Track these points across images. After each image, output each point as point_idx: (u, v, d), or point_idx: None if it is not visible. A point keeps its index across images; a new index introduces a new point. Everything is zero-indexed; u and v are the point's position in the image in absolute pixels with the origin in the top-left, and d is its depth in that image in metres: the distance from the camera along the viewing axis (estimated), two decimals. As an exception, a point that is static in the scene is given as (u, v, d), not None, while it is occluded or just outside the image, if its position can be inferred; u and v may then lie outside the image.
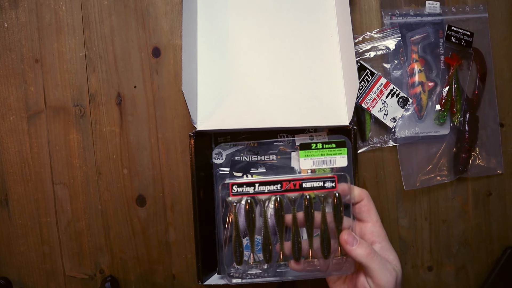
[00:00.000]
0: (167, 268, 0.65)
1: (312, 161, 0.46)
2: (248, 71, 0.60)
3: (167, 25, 0.64)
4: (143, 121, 0.64)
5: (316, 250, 0.45)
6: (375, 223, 0.45)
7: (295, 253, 0.45)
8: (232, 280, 0.47)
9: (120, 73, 0.64)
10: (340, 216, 0.44)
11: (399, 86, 0.63)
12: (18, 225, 0.64)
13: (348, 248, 0.42)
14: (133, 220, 0.64)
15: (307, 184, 0.44)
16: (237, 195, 0.44)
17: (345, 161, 0.46)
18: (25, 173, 0.64)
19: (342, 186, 0.44)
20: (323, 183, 0.44)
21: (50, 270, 0.65)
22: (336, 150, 0.46)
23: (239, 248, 0.45)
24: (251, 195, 0.44)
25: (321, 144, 0.46)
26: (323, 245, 0.44)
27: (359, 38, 0.64)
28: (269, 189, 0.44)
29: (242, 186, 0.44)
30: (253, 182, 0.44)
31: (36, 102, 0.64)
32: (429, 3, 0.64)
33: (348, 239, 0.42)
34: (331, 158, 0.46)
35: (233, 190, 0.44)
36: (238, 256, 0.45)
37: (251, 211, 0.44)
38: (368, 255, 0.41)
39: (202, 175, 0.56)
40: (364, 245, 0.42)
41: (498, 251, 0.67)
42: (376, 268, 0.41)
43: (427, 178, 0.65)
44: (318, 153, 0.46)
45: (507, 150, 0.66)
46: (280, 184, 0.44)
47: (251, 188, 0.44)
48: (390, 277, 0.42)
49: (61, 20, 0.64)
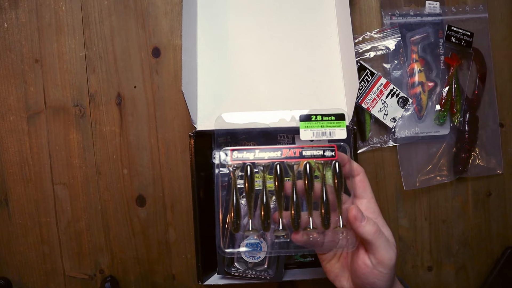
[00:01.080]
0: (167, 268, 0.65)
1: (312, 132, 0.46)
2: (248, 71, 0.60)
3: (167, 25, 0.64)
4: (143, 121, 0.64)
5: (316, 220, 0.44)
6: (370, 199, 0.45)
7: (295, 222, 0.44)
8: (226, 250, 0.46)
9: (120, 73, 0.64)
10: (340, 184, 0.44)
11: (399, 86, 0.63)
12: (18, 225, 0.64)
13: (357, 224, 0.41)
14: (133, 220, 0.64)
15: (307, 152, 0.44)
16: (237, 161, 0.44)
17: (344, 134, 0.46)
18: (25, 173, 0.64)
19: (341, 156, 0.45)
20: (323, 152, 0.45)
21: (50, 270, 0.65)
22: (336, 122, 0.46)
23: (237, 214, 0.44)
24: (251, 161, 0.44)
25: (321, 116, 0.46)
26: (323, 215, 0.43)
27: (359, 38, 0.64)
28: (269, 155, 0.44)
29: (242, 152, 0.44)
30: (253, 149, 0.44)
31: (36, 102, 0.64)
32: (429, 3, 0.64)
33: (358, 215, 0.42)
34: (330, 130, 0.46)
35: (233, 156, 0.44)
36: (235, 222, 0.44)
37: (250, 176, 0.44)
38: (375, 233, 0.41)
39: (202, 175, 0.56)
40: (371, 222, 0.42)
41: (498, 251, 0.67)
42: (381, 245, 0.41)
43: (427, 178, 0.65)
44: (318, 124, 0.46)
45: (507, 150, 0.66)
46: (280, 152, 0.44)
47: (251, 154, 0.44)
48: (393, 253, 0.42)
49: (61, 20, 0.64)
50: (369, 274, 0.42)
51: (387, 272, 0.41)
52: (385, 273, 0.41)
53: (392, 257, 0.41)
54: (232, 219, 0.44)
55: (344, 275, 0.46)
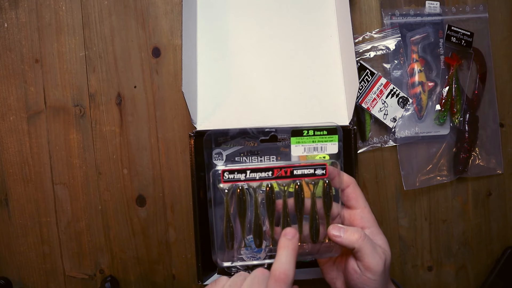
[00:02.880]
0: (167, 268, 0.65)
1: (303, 148, 0.47)
2: (248, 71, 0.60)
3: (167, 25, 0.64)
4: (143, 121, 0.64)
5: (306, 235, 0.46)
6: (363, 209, 0.46)
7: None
8: (223, 264, 0.47)
9: (120, 73, 0.64)
10: (329, 202, 0.45)
11: (399, 86, 0.63)
12: (18, 225, 0.64)
13: (338, 240, 0.43)
14: (133, 220, 0.64)
15: (298, 171, 0.45)
16: (228, 182, 0.45)
17: (336, 148, 0.47)
18: (25, 173, 0.64)
19: (330, 169, 0.45)
20: (313, 170, 0.45)
21: (50, 270, 0.65)
22: (327, 137, 0.47)
23: (230, 233, 0.46)
24: (242, 181, 0.45)
25: (313, 131, 0.46)
26: (312, 230, 0.45)
27: (359, 38, 0.64)
28: (260, 176, 0.45)
29: (233, 173, 0.45)
30: (244, 169, 0.45)
31: (36, 102, 0.64)
32: (429, 3, 0.64)
33: (334, 232, 0.44)
34: (322, 145, 0.47)
35: (225, 177, 0.45)
36: (229, 241, 0.46)
37: (242, 197, 0.45)
38: (358, 240, 0.43)
39: (202, 175, 0.56)
40: (353, 230, 0.43)
41: (498, 251, 0.67)
42: (366, 251, 0.42)
43: (427, 178, 0.65)
44: (310, 140, 0.47)
45: (507, 150, 0.66)
46: (271, 171, 0.45)
47: (243, 175, 0.45)
48: (379, 260, 0.42)
49: (61, 20, 0.64)
50: (358, 280, 0.43)
51: (375, 279, 0.42)
52: (373, 279, 0.42)
53: (378, 263, 0.42)
54: (226, 238, 0.45)
55: (340, 278, 0.47)
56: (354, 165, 0.56)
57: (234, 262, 0.49)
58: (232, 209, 0.46)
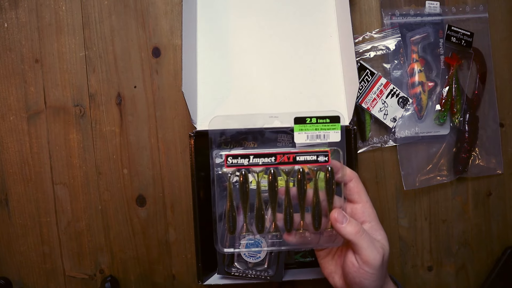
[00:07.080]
0: (167, 268, 0.65)
1: (306, 135, 0.47)
2: (248, 71, 0.60)
3: (167, 25, 0.64)
4: (143, 121, 0.64)
5: (308, 223, 0.46)
6: (365, 203, 0.46)
7: (287, 224, 0.46)
8: (224, 249, 0.48)
9: (120, 73, 0.64)
10: (332, 189, 0.45)
11: (399, 86, 0.63)
12: (18, 225, 0.64)
13: (338, 226, 0.44)
14: (133, 220, 0.64)
15: (300, 157, 0.45)
16: (232, 167, 0.45)
17: (339, 136, 0.47)
18: (25, 173, 0.64)
19: (334, 162, 0.46)
20: (316, 157, 0.45)
21: (50, 270, 0.65)
22: (330, 125, 0.47)
23: (233, 218, 0.46)
24: (245, 166, 0.45)
25: (316, 118, 0.47)
26: (315, 218, 0.46)
27: (359, 38, 0.64)
28: (264, 161, 0.45)
29: (237, 157, 0.45)
30: (247, 154, 0.45)
31: (36, 102, 0.64)
32: (429, 3, 0.64)
33: (338, 217, 0.44)
34: (324, 133, 0.47)
35: (228, 162, 0.45)
36: (231, 225, 0.46)
37: (245, 182, 0.45)
38: (357, 233, 0.43)
39: (202, 175, 0.56)
40: (353, 223, 0.44)
41: (498, 251, 0.67)
42: (364, 245, 0.43)
43: (427, 178, 0.65)
44: (312, 127, 0.47)
45: (507, 150, 0.66)
46: (274, 157, 0.45)
47: (246, 160, 0.45)
48: (377, 254, 0.43)
49: (61, 20, 0.64)
50: (356, 273, 0.43)
51: (373, 272, 0.43)
52: (371, 273, 0.43)
53: (376, 257, 0.43)
54: (229, 223, 0.46)
55: (338, 272, 0.48)
56: (354, 165, 0.56)
57: (236, 249, 0.49)
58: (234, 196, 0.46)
